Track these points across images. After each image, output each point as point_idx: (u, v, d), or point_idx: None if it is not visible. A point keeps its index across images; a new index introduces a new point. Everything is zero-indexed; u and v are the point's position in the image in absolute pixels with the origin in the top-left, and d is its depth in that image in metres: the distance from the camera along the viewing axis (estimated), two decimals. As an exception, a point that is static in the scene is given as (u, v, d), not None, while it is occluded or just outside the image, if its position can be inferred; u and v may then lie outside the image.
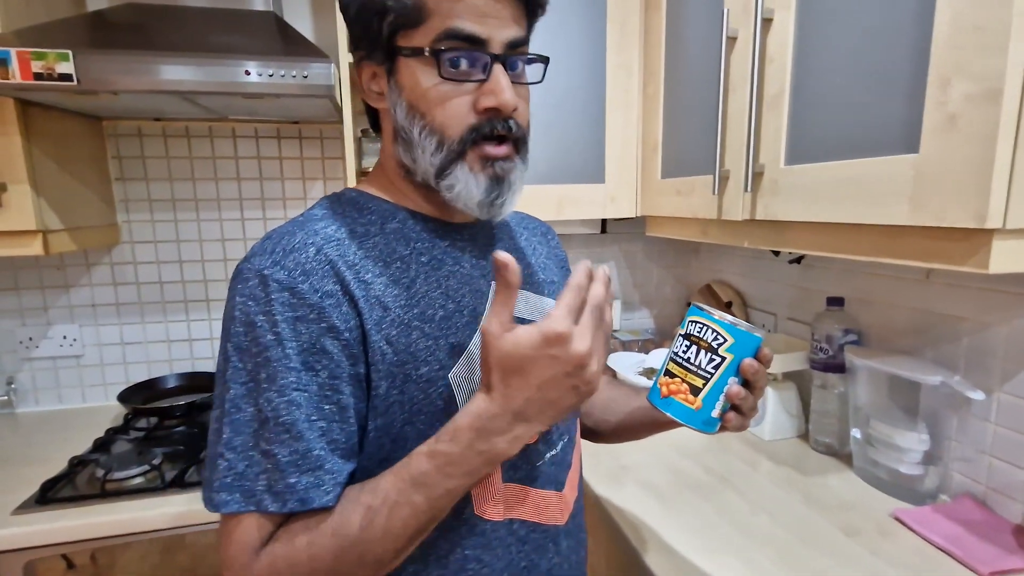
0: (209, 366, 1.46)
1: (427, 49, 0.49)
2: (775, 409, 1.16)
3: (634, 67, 1.25)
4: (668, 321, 1.73)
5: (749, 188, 0.86)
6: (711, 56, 0.96)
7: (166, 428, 1.25)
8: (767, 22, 0.83)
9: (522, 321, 0.58)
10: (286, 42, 1.11)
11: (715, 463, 1.06)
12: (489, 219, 0.57)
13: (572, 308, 0.44)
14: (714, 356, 0.50)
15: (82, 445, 1.16)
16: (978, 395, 0.83)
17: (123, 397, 1.27)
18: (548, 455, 0.59)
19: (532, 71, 0.56)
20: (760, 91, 0.84)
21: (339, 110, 1.17)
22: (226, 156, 1.40)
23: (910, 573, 0.74)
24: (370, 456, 0.51)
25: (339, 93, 1.13)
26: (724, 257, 1.53)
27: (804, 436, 1.18)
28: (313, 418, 0.46)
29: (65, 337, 1.37)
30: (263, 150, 1.42)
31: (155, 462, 1.06)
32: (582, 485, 0.67)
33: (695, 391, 0.51)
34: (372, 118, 0.61)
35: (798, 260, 1.25)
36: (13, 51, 0.91)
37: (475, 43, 0.49)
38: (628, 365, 1.35)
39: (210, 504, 0.46)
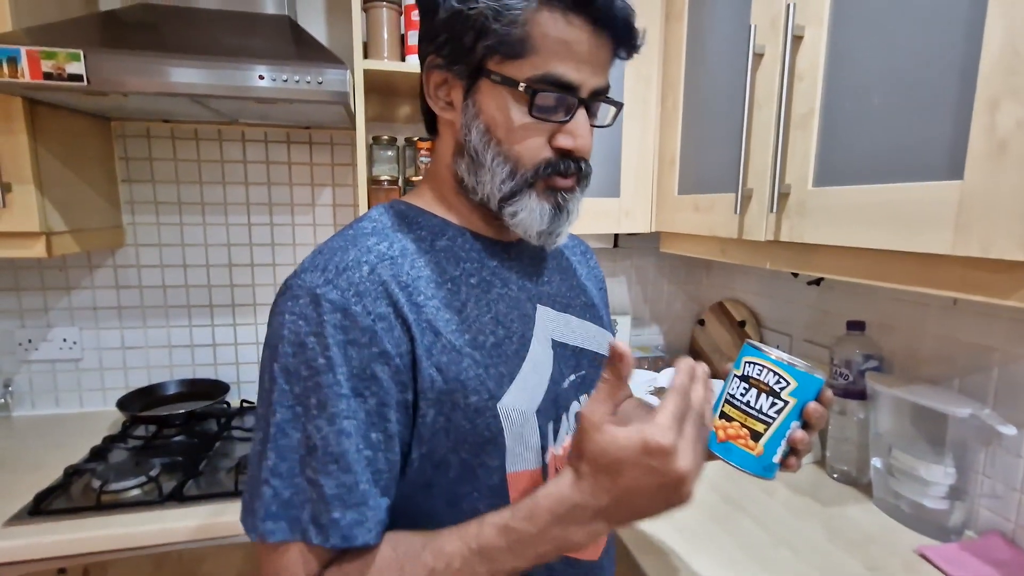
0: (210, 372, 1.43)
1: (522, 85, 0.49)
2: (791, 434, 1.13)
3: (653, 79, 1.23)
4: (679, 338, 1.69)
5: (774, 208, 0.83)
6: (735, 71, 0.94)
7: (165, 437, 1.22)
8: (797, 39, 0.81)
9: (564, 347, 0.57)
10: (300, 47, 1.09)
11: (731, 489, 1.02)
12: (543, 245, 0.56)
13: (677, 416, 0.41)
14: (776, 400, 0.47)
15: (78, 452, 1.13)
16: (1010, 430, 0.80)
17: (122, 403, 1.25)
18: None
19: (606, 114, 0.57)
20: (788, 109, 0.82)
21: (352, 116, 1.15)
22: (235, 160, 1.38)
23: (940, 617, 0.70)
24: (412, 482, 0.49)
25: (353, 99, 1.11)
26: (737, 275, 1.50)
27: (820, 462, 1.14)
28: (360, 447, 0.45)
29: (65, 340, 1.35)
30: (272, 154, 1.39)
31: (152, 473, 1.03)
32: None
33: (756, 436, 0.48)
34: (429, 121, 0.59)
35: (817, 282, 1.22)
36: (23, 50, 0.89)
37: (568, 89, 0.50)
38: (638, 384, 1.31)
39: (254, 533, 0.44)
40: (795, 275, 1.28)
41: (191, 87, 0.96)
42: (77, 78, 0.91)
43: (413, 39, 1.19)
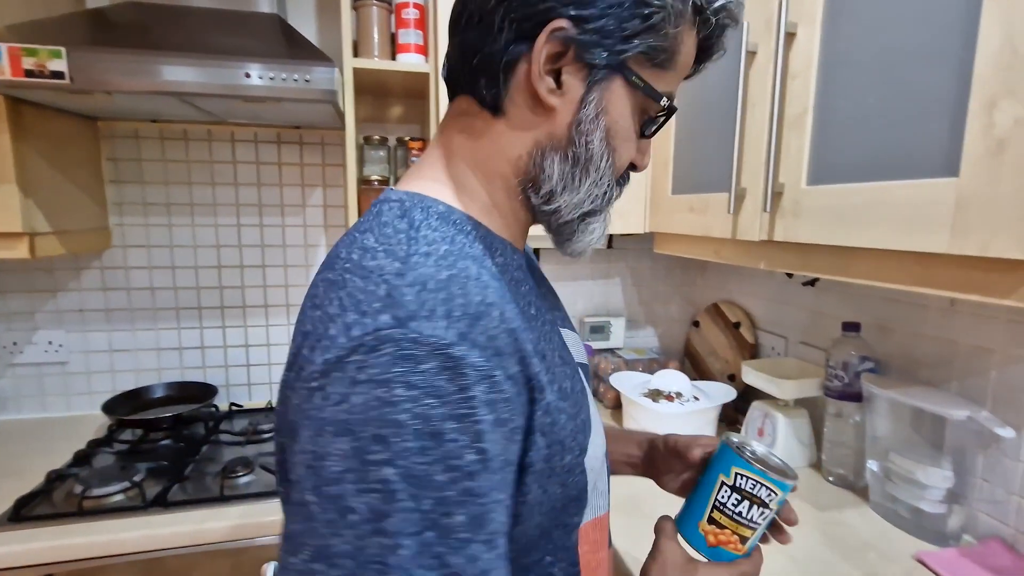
0: (199, 376, 1.41)
1: (665, 101, 0.45)
2: (786, 436, 1.12)
3: (646, 80, 1.21)
4: (674, 340, 1.68)
5: (768, 208, 0.82)
6: (729, 71, 0.93)
7: (151, 441, 1.20)
8: (790, 37, 0.79)
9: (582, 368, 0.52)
10: (289, 45, 1.08)
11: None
12: (571, 258, 0.52)
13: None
14: (765, 510, 0.51)
15: (63, 457, 1.11)
16: (1008, 433, 0.78)
17: (108, 407, 1.22)
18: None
19: None
20: (781, 108, 0.81)
21: (341, 116, 1.14)
22: (224, 160, 1.36)
23: (938, 625, 0.69)
24: None
25: (342, 99, 1.10)
26: (732, 277, 1.49)
27: (815, 465, 1.13)
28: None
29: (51, 343, 1.33)
30: (262, 155, 1.38)
31: (137, 478, 1.01)
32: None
33: (744, 540, 0.52)
34: (495, 93, 0.43)
35: (812, 283, 1.20)
36: (4, 46, 0.87)
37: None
38: (632, 385, 1.30)
39: None
40: (790, 276, 1.26)
41: (177, 85, 0.94)
42: (59, 76, 0.90)
43: (404, 38, 1.17)
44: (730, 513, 0.51)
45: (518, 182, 0.45)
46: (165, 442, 1.20)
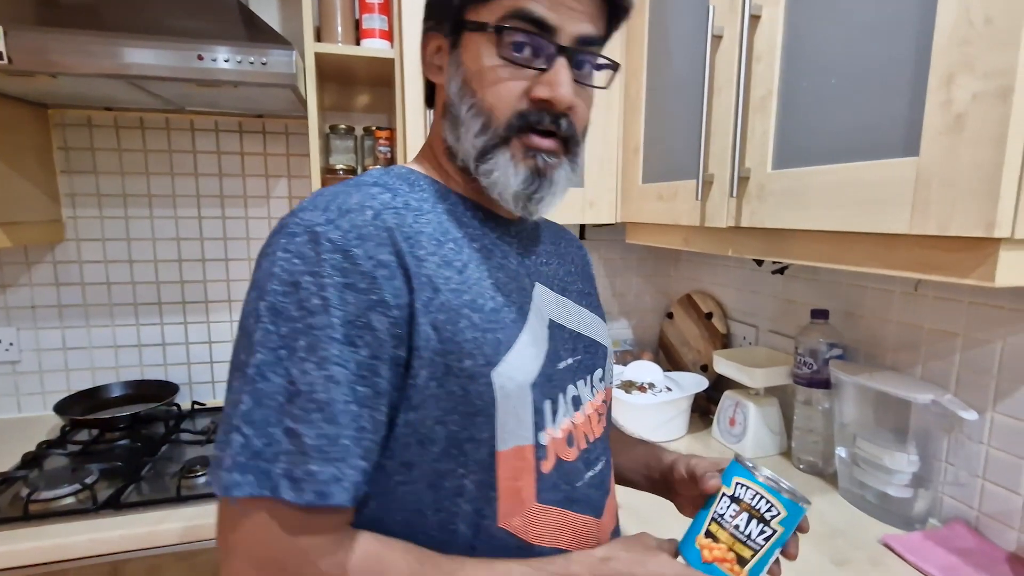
0: (159, 373, 1.36)
1: (491, 26, 0.47)
2: (756, 425, 1.12)
3: (616, 68, 1.20)
4: (648, 332, 1.68)
5: (734, 193, 0.81)
6: (696, 55, 0.92)
7: (107, 441, 1.15)
8: (755, 19, 0.78)
9: (561, 329, 0.56)
10: (246, 28, 1.04)
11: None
12: (526, 215, 0.52)
13: None
14: (765, 528, 0.47)
15: (11, 460, 1.06)
16: (971, 415, 0.79)
17: (60, 407, 1.17)
18: (588, 475, 0.54)
19: (601, 77, 0.53)
20: (747, 92, 0.80)
21: (304, 103, 1.10)
22: (183, 150, 1.31)
23: (903, 608, 0.69)
24: (393, 460, 0.46)
25: (303, 84, 1.06)
26: (705, 267, 1.49)
27: (786, 453, 1.13)
28: (348, 399, 0.41)
29: (0, 341, 1.26)
30: (223, 144, 1.33)
31: (88, 480, 0.97)
32: (618, 517, 0.62)
33: (742, 562, 0.47)
34: (429, 93, 0.58)
35: (781, 271, 1.21)
36: (-66, 24, 0.82)
37: (544, 29, 0.47)
38: (606, 378, 1.29)
39: (218, 485, 0.40)
40: (759, 263, 1.26)
41: (125, 67, 0.90)
42: (-4, 56, 0.85)
43: (368, 23, 1.14)
44: (727, 525, 0.48)
45: (447, 151, 0.54)
46: (122, 442, 1.15)
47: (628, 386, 1.25)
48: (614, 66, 0.53)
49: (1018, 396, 0.77)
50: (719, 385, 1.30)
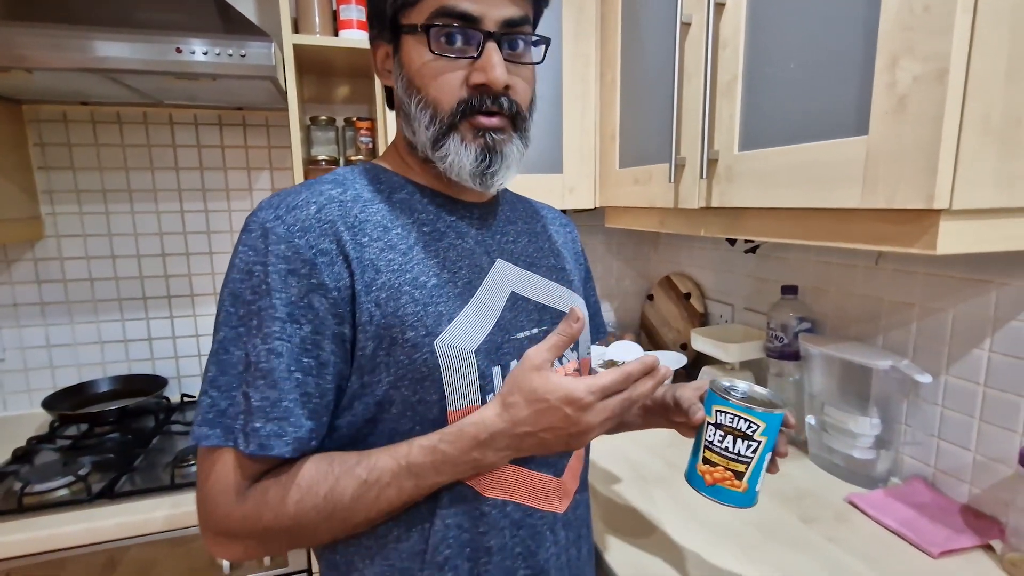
0: (147, 368, 1.37)
1: (419, 26, 0.51)
2: (733, 399, 1.16)
3: (591, 55, 1.23)
4: (629, 314, 1.72)
5: (704, 175, 0.85)
6: (666, 43, 0.95)
7: (97, 435, 1.16)
8: (720, 7, 0.82)
9: (526, 301, 0.59)
10: (224, 20, 1.04)
11: (675, 456, 1.05)
12: (484, 190, 0.57)
13: (608, 388, 0.49)
14: (750, 442, 0.53)
15: (1, 456, 1.06)
16: (926, 378, 0.84)
17: (48, 403, 1.18)
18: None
19: (538, 52, 0.57)
20: (714, 77, 0.83)
21: (284, 95, 1.11)
22: (163, 144, 1.31)
23: (866, 558, 0.74)
24: (358, 418, 0.52)
25: (283, 76, 1.07)
26: (683, 249, 1.53)
27: (761, 425, 1.18)
28: (292, 368, 0.48)
29: (-17, 340, 1.26)
30: (204, 138, 1.33)
31: (81, 472, 0.98)
32: (586, 479, 0.67)
33: (739, 476, 0.54)
34: (389, 96, 0.62)
35: (754, 250, 1.25)
36: (-95, 21, 0.82)
37: (468, 20, 0.51)
38: (592, 357, 1.33)
39: (193, 437, 0.48)
40: (732, 243, 1.31)
41: (102, 61, 0.90)
42: (-30, 52, 0.84)
43: (345, 14, 1.15)
44: (717, 450, 0.54)
45: (407, 146, 0.59)
46: (112, 436, 1.16)
47: (610, 365, 1.29)
48: (546, 41, 0.57)
49: (968, 359, 0.83)
50: (698, 362, 1.35)
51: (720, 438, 0.54)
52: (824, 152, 0.65)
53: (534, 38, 0.56)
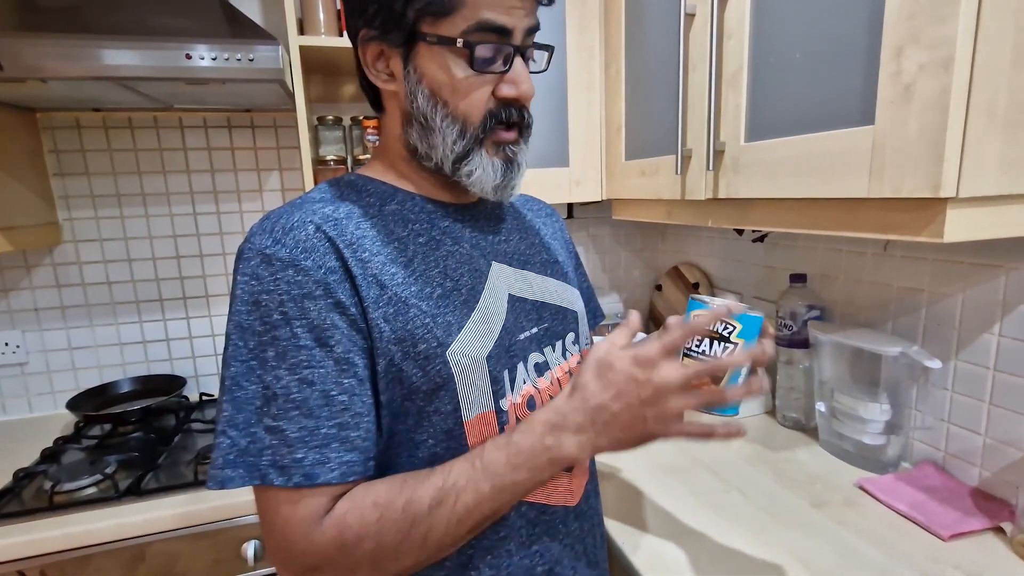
0: (166, 368, 1.40)
1: (460, 41, 0.50)
2: (743, 387, 1.17)
3: (595, 48, 1.23)
4: (638, 305, 1.73)
5: (711, 166, 0.85)
6: (670, 34, 0.95)
7: (121, 435, 1.19)
8: (724, -3, 0.82)
9: (523, 302, 0.60)
10: (230, 24, 1.05)
11: (688, 444, 1.06)
12: (500, 200, 0.58)
13: (670, 347, 0.47)
14: (728, 345, 0.52)
15: (29, 457, 1.10)
16: (935, 364, 0.85)
17: (72, 404, 1.21)
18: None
19: (541, 58, 0.59)
20: (719, 68, 0.84)
21: (291, 96, 1.12)
22: (174, 147, 1.33)
23: (875, 541, 0.75)
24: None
25: (290, 78, 1.09)
26: (690, 239, 1.54)
27: (772, 412, 1.19)
28: (332, 393, 0.47)
29: (7, 344, 1.29)
30: (213, 140, 1.35)
31: (108, 471, 1.01)
32: (595, 468, 0.68)
33: (716, 381, 0.52)
34: (372, 97, 0.60)
35: (761, 239, 1.26)
36: (-76, 35, 0.84)
37: (503, 34, 0.51)
38: (599, 350, 1.34)
39: (213, 482, 0.46)
40: (739, 232, 1.31)
41: (115, 70, 0.92)
42: (-12, 64, 0.86)
43: (350, 13, 1.16)
44: (695, 355, 0.54)
45: (408, 153, 0.57)
46: (136, 435, 1.19)
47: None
48: (551, 49, 0.59)
49: (977, 344, 0.83)
50: (706, 351, 1.35)
51: (697, 342, 0.53)
52: (830, 142, 0.66)
53: (541, 45, 0.57)
